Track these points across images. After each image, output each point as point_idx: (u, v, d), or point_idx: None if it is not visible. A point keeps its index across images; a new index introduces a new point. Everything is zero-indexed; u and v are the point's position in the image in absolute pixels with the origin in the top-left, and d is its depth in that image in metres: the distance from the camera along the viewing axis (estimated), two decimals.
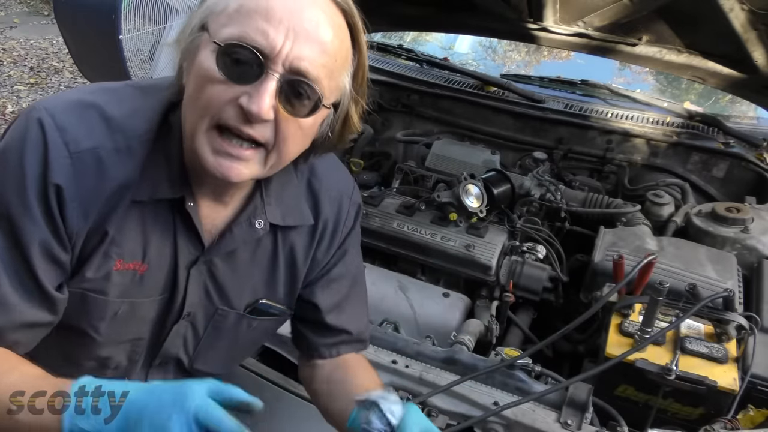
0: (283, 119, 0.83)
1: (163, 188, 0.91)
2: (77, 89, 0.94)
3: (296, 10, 0.80)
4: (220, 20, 0.82)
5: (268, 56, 0.79)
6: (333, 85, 0.86)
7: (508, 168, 2.29)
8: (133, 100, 0.92)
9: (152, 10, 2.44)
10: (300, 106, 0.83)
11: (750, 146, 2.30)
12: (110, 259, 0.91)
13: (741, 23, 1.93)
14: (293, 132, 0.85)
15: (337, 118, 0.92)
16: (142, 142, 0.89)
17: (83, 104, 0.89)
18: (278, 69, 0.80)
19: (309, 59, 0.81)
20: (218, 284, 1.02)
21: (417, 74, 2.72)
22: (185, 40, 0.85)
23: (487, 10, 2.43)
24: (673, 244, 1.82)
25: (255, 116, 0.80)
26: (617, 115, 2.44)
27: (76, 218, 0.86)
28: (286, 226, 1.03)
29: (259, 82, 0.80)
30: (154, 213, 0.92)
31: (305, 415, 1.33)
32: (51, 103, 0.88)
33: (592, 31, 2.33)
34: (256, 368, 1.38)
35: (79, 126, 0.86)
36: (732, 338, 1.44)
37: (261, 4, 0.80)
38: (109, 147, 0.87)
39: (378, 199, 2.06)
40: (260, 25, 0.79)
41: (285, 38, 0.79)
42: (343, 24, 0.86)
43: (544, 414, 1.30)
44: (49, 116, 0.85)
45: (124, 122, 0.89)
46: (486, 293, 1.91)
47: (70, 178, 0.84)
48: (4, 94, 5.29)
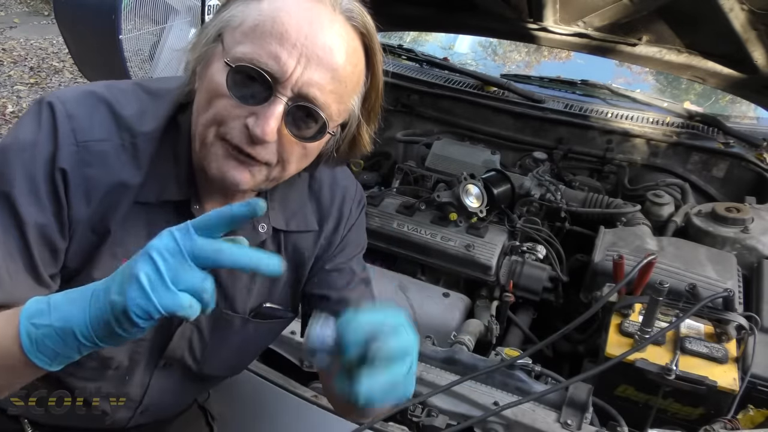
0: (287, 141, 0.84)
1: (171, 190, 0.91)
2: (89, 84, 0.95)
3: (311, 34, 0.80)
4: (235, 36, 0.82)
5: (278, 80, 0.80)
6: (342, 108, 0.87)
7: (508, 168, 2.29)
8: (142, 102, 0.92)
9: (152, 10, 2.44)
10: (305, 129, 0.84)
11: (750, 146, 2.30)
12: (117, 260, 0.90)
13: (741, 23, 1.93)
14: (296, 153, 0.86)
15: (344, 138, 0.93)
16: (148, 141, 0.90)
17: (94, 98, 0.90)
18: (287, 93, 0.80)
19: (318, 85, 0.81)
20: (222, 287, 1.01)
21: (417, 74, 2.72)
22: (200, 47, 0.86)
23: (487, 10, 2.43)
24: (673, 244, 1.82)
25: (259, 139, 0.81)
26: (617, 115, 2.44)
27: (78, 205, 0.86)
28: (289, 230, 1.03)
29: (266, 105, 0.80)
30: (159, 214, 0.92)
31: (305, 415, 1.33)
32: (63, 93, 0.89)
33: (592, 31, 2.33)
34: (257, 368, 1.38)
35: (89, 118, 0.87)
36: (732, 338, 1.44)
37: (277, 27, 0.79)
38: (115, 142, 0.88)
39: (378, 199, 2.06)
40: (273, 48, 0.79)
41: (297, 63, 0.79)
42: (358, 47, 0.87)
43: (544, 414, 1.30)
44: (60, 103, 0.87)
45: (132, 121, 0.89)
46: (486, 293, 1.91)
47: (74, 166, 0.85)
48: (4, 94, 5.29)
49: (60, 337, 0.69)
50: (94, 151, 0.86)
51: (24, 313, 0.71)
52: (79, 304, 0.70)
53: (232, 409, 1.40)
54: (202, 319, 1.03)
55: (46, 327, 0.70)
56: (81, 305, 0.70)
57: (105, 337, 0.69)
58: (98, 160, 0.87)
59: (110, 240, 0.90)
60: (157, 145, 0.90)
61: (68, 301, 0.71)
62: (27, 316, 0.71)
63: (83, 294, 0.71)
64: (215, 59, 0.83)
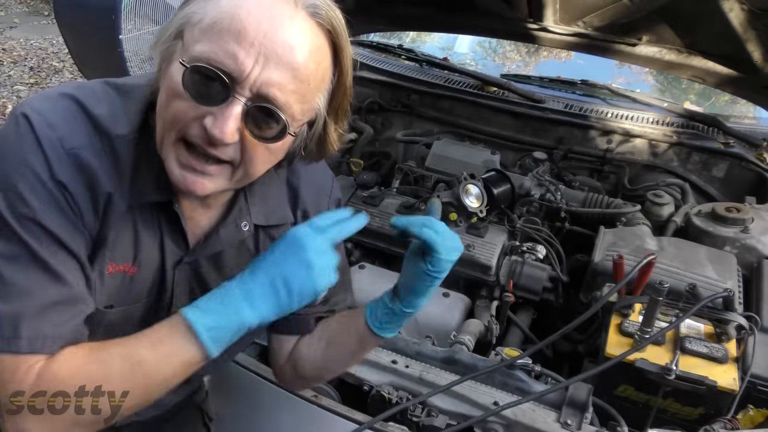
0: (249, 141, 0.82)
1: (151, 192, 0.90)
2: (58, 87, 0.91)
3: (270, 32, 0.77)
4: (194, 33, 0.79)
5: (236, 80, 0.77)
6: (306, 107, 0.85)
7: (508, 168, 2.29)
8: (111, 101, 0.89)
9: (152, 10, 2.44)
10: (266, 129, 0.82)
11: (750, 146, 2.30)
12: (104, 264, 0.90)
13: (741, 23, 1.93)
14: (260, 152, 0.84)
15: (311, 137, 0.92)
16: (125, 145, 0.87)
17: (66, 103, 0.86)
18: (245, 93, 0.78)
19: (278, 85, 0.79)
20: (204, 286, 1.01)
21: (417, 74, 2.72)
22: (162, 44, 0.84)
23: (487, 10, 2.43)
24: (673, 244, 1.82)
25: (217, 140, 0.79)
26: (617, 115, 2.44)
27: (86, 213, 0.85)
28: (268, 225, 1.04)
29: (224, 106, 0.78)
30: (142, 216, 0.92)
31: (304, 415, 1.33)
32: (34, 101, 0.85)
33: (592, 31, 2.33)
34: (256, 368, 1.38)
35: (67, 124, 0.84)
36: (732, 338, 1.44)
37: (235, 24, 0.77)
38: (97, 147, 0.85)
39: (378, 199, 2.06)
40: (231, 46, 0.76)
41: (254, 62, 0.77)
42: (323, 45, 0.84)
43: (544, 414, 1.30)
44: (36, 113, 0.83)
45: (106, 123, 0.86)
46: (486, 293, 1.90)
47: (70, 176, 0.83)
48: (4, 94, 5.29)
49: (237, 330, 0.85)
50: (82, 158, 0.84)
51: (199, 325, 0.82)
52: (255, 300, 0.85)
53: (229, 409, 1.40)
54: None
55: (222, 329, 0.83)
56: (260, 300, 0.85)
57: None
58: (85, 168, 0.84)
59: (101, 245, 0.89)
60: (133, 148, 0.88)
61: (245, 294, 0.84)
62: (205, 327, 0.82)
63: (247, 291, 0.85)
64: (175, 57, 0.81)
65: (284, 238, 0.88)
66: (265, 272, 0.85)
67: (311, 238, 0.87)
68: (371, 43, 2.97)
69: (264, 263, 0.86)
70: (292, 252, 0.86)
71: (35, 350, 0.79)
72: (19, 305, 0.79)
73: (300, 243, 0.86)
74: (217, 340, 0.83)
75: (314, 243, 0.86)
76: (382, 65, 2.77)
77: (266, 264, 0.86)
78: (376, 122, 2.64)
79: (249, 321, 0.84)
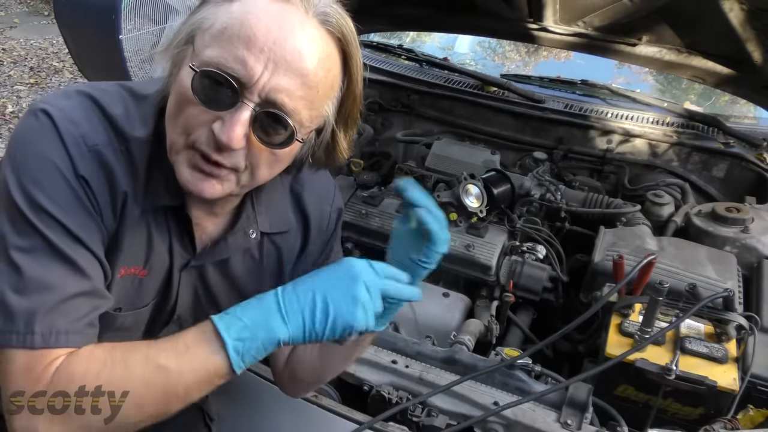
0: (256, 147, 0.82)
1: (164, 196, 0.91)
2: (73, 86, 0.92)
3: (280, 38, 0.78)
4: (204, 39, 0.80)
5: (245, 85, 0.78)
6: (314, 114, 0.85)
7: (508, 168, 2.29)
8: (126, 103, 0.90)
9: (152, 10, 2.43)
10: (274, 135, 0.82)
11: (750, 146, 2.30)
12: (116, 267, 0.90)
13: (741, 23, 1.93)
14: (266, 159, 0.84)
15: (319, 144, 0.91)
16: (140, 146, 0.88)
17: (85, 101, 0.87)
18: (254, 99, 0.78)
19: (287, 91, 0.79)
20: (209, 290, 1.02)
21: (417, 74, 2.72)
22: (173, 49, 0.84)
23: (487, 10, 2.43)
24: (673, 244, 1.82)
25: (224, 145, 0.79)
26: (617, 115, 2.44)
27: (105, 211, 0.85)
28: (272, 232, 1.04)
29: (233, 111, 0.78)
30: (156, 219, 0.92)
31: (304, 415, 1.33)
32: (52, 99, 0.86)
33: (592, 31, 2.33)
34: (256, 368, 1.38)
35: (89, 122, 0.85)
36: (732, 338, 1.44)
37: (245, 30, 0.77)
38: (115, 146, 0.86)
39: (378, 199, 2.06)
40: (240, 52, 0.77)
41: (264, 68, 0.77)
42: (333, 52, 0.84)
43: (544, 414, 1.30)
44: (56, 110, 0.83)
45: (123, 124, 0.87)
46: (486, 293, 1.90)
47: (92, 172, 0.83)
48: (4, 94, 5.29)
49: (266, 342, 0.81)
50: (103, 156, 0.84)
51: (226, 333, 0.79)
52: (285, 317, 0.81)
53: (230, 409, 1.40)
54: (187, 321, 1.04)
55: (250, 340, 0.80)
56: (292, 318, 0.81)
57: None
58: (105, 166, 0.85)
59: (115, 247, 0.89)
60: (148, 151, 0.89)
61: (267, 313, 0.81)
62: (232, 336, 0.79)
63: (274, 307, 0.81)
64: (185, 62, 0.81)
65: (340, 263, 0.84)
66: (310, 288, 0.82)
67: (367, 274, 0.83)
68: (371, 43, 2.97)
69: (311, 280, 0.83)
70: (344, 280, 0.82)
71: (49, 345, 0.78)
72: (38, 298, 0.78)
73: (354, 274, 0.83)
74: (244, 353, 0.80)
75: (368, 280, 0.83)
76: (382, 65, 2.77)
77: (313, 281, 0.83)
78: (376, 122, 2.64)
79: (279, 335, 0.80)
